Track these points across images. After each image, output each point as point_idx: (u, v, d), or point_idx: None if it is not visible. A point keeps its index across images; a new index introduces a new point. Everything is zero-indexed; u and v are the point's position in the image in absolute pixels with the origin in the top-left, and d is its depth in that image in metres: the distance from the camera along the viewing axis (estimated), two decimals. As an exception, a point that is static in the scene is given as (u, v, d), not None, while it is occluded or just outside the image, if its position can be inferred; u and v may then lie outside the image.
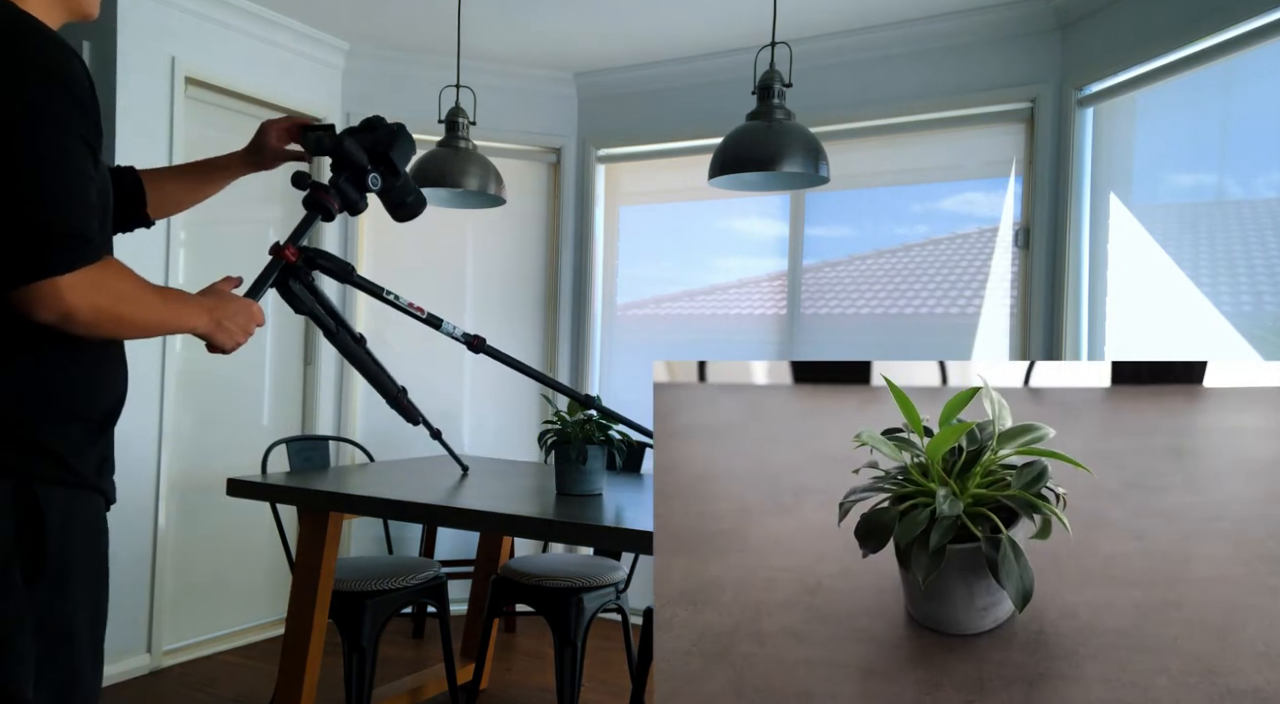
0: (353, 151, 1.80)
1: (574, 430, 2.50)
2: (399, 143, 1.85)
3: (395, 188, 1.84)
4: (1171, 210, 3.15)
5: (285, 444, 3.17)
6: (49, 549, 1.26)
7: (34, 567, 1.25)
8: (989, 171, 3.72)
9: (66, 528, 1.29)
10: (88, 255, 1.22)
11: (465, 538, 4.21)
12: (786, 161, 2.48)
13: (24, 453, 1.26)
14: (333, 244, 4.17)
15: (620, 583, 2.96)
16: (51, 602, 1.28)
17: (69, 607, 1.30)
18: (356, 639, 2.72)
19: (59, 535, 1.28)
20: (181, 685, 3.39)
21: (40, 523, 1.25)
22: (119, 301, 1.27)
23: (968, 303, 3.75)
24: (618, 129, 4.47)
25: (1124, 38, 3.20)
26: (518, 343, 4.53)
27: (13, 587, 1.24)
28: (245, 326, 1.52)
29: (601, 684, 3.46)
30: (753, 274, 4.25)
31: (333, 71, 4.15)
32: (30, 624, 1.25)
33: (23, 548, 1.24)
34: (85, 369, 1.34)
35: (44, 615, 1.27)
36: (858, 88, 3.90)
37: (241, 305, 1.53)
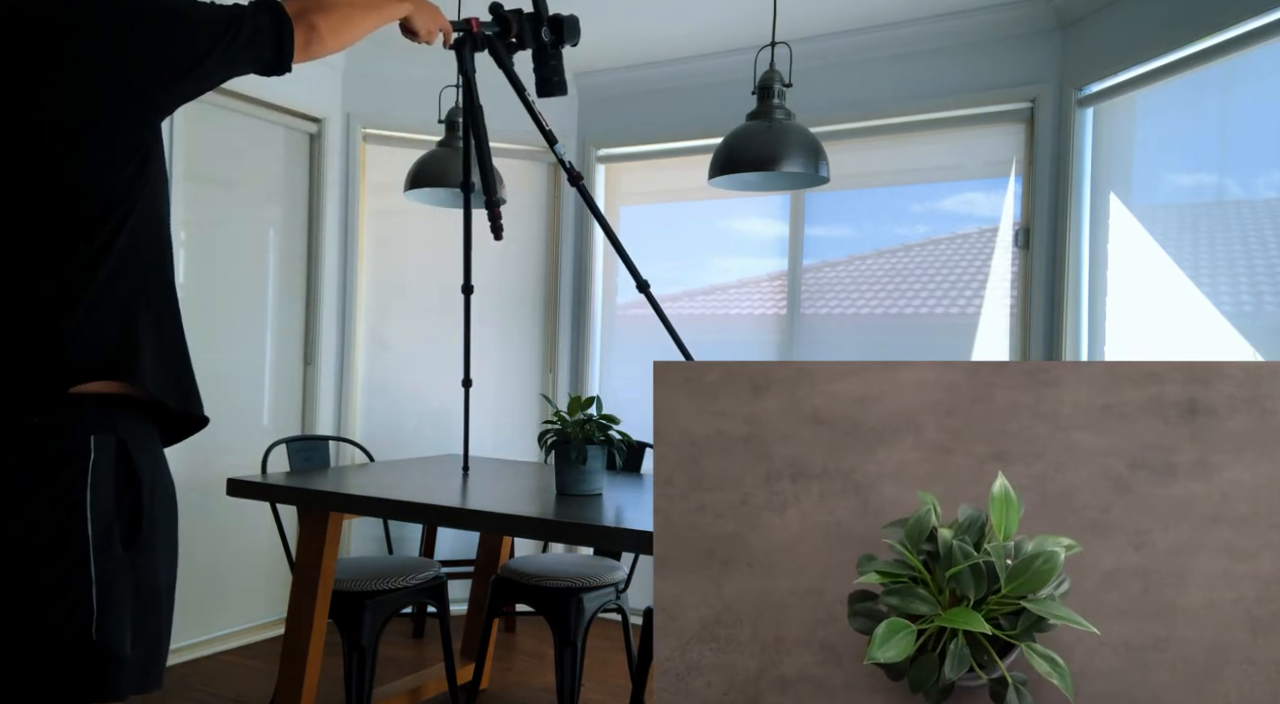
0: (540, 5, 2.28)
1: (574, 430, 2.50)
2: (570, 20, 2.31)
3: (550, 63, 2.32)
4: (1171, 210, 3.15)
5: (285, 444, 3.17)
6: (143, 514, 1.35)
7: (132, 531, 1.34)
8: (989, 171, 3.72)
9: (154, 493, 1.38)
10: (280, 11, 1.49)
11: (465, 538, 4.21)
12: (786, 161, 2.48)
13: (126, 417, 1.34)
14: (333, 243, 4.17)
15: (620, 583, 2.96)
16: (144, 565, 1.36)
17: (156, 570, 1.39)
18: (356, 639, 2.72)
19: (150, 500, 1.36)
20: (181, 685, 3.39)
21: (137, 487, 1.34)
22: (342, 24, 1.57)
23: (968, 303, 3.75)
24: (618, 129, 4.47)
25: (1124, 38, 3.20)
26: (518, 343, 4.54)
27: (114, 550, 1.32)
28: (439, 20, 1.93)
29: (601, 684, 3.46)
30: (753, 274, 4.25)
31: (333, 71, 4.15)
32: (130, 585, 1.33)
33: (121, 512, 1.33)
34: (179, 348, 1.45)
35: (139, 579, 1.35)
36: (858, 88, 3.90)
37: (435, 8, 1.89)
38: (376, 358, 4.34)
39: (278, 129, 3.99)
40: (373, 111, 4.22)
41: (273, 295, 4.02)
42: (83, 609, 1.29)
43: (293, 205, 4.06)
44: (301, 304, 4.14)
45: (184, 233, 3.61)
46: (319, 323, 4.13)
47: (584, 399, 2.55)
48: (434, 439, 4.34)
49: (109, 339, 1.33)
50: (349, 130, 4.18)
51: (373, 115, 4.22)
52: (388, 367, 4.36)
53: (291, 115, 4.01)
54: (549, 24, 2.29)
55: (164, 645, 1.42)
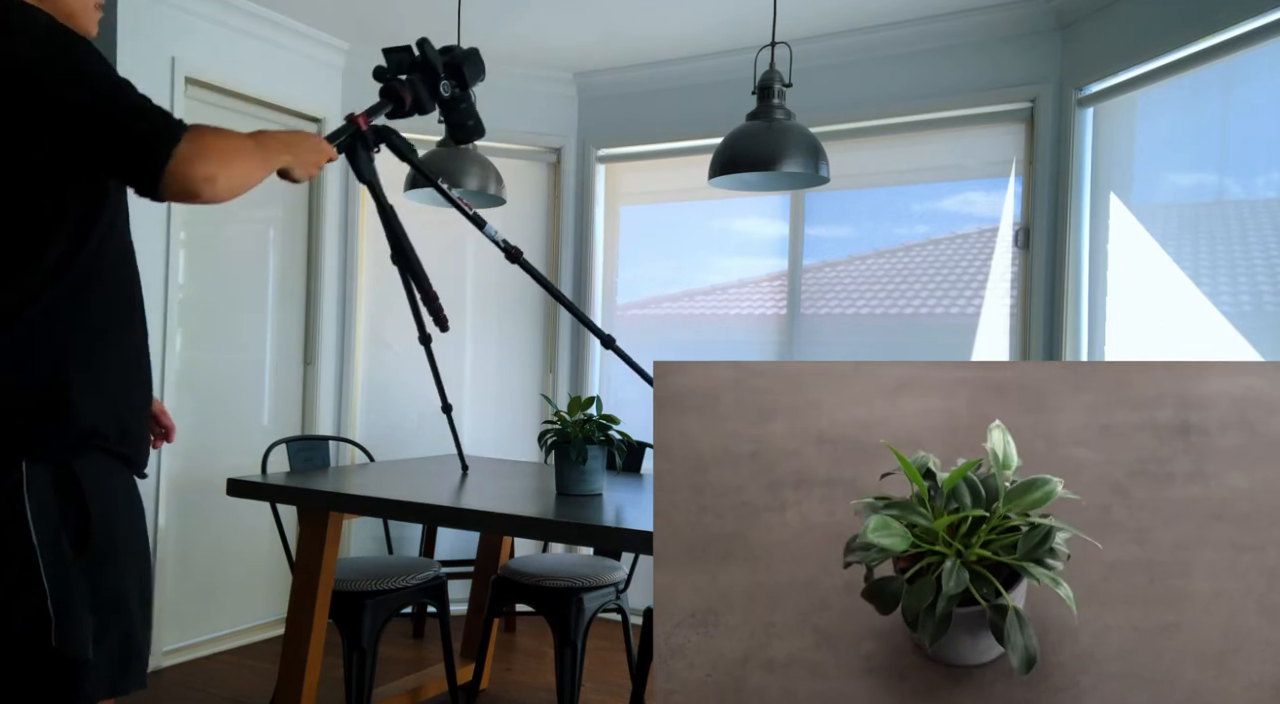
0: (431, 57, 2.02)
1: (574, 430, 2.50)
2: (471, 60, 2.06)
3: (460, 108, 2.09)
4: (1171, 210, 3.15)
5: (285, 444, 3.17)
6: (93, 518, 1.35)
7: (81, 536, 1.34)
8: (989, 171, 3.72)
9: (105, 499, 1.38)
10: (179, 126, 1.33)
11: (465, 538, 4.21)
12: (786, 161, 2.48)
13: (57, 431, 1.34)
14: (333, 242, 4.17)
15: (620, 583, 2.96)
16: (102, 570, 1.36)
17: (118, 575, 1.39)
18: (356, 639, 2.72)
19: (100, 506, 1.36)
20: (181, 686, 3.39)
21: (80, 495, 1.34)
22: (230, 152, 1.37)
23: (968, 303, 3.75)
24: (618, 129, 4.47)
25: (1124, 38, 3.20)
26: (518, 343, 4.54)
27: (64, 555, 1.32)
28: (317, 160, 1.68)
29: (601, 684, 3.46)
30: (753, 274, 4.25)
31: (333, 71, 4.15)
32: (87, 592, 1.34)
33: (67, 518, 1.33)
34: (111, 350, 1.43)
35: (97, 583, 1.36)
36: (858, 88, 3.90)
37: (313, 140, 1.69)
38: (376, 358, 4.34)
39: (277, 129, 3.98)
40: (373, 111, 4.22)
41: (273, 295, 4.02)
42: (39, 618, 1.30)
43: (293, 205, 4.06)
44: (301, 304, 4.14)
45: (184, 233, 3.61)
46: (319, 323, 4.12)
47: (584, 399, 2.55)
48: (434, 439, 4.34)
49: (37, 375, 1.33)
50: (349, 130, 4.18)
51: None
52: (388, 367, 4.36)
53: (291, 115, 4.01)
54: (447, 72, 2.05)
55: (137, 647, 1.43)
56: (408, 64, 2.02)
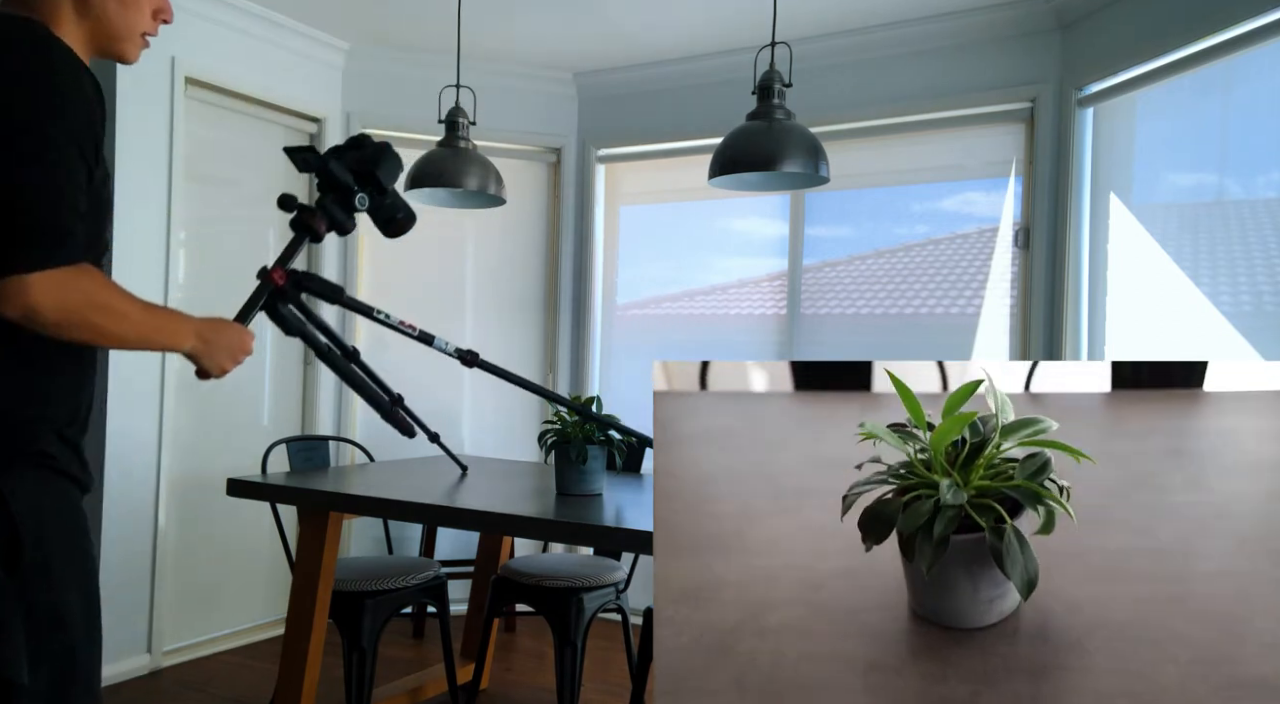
0: (338, 173, 1.76)
1: (574, 430, 2.50)
2: (385, 161, 1.80)
3: (383, 206, 1.84)
4: (1171, 210, 3.15)
5: (285, 444, 3.17)
6: (23, 538, 1.28)
7: (12, 556, 1.27)
8: (989, 171, 3.72)
9: (39, 515, 1.31)
10: (59, 256, 1.23)
11: (465, 538, 4.20)
12: (786, 161, 2.48)
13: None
14: (332, 245, 4.17)
15: (620, 583, 2.96)
16: (38, 588, 1.30)
17: (57, 592, 1.32)
18: (356, 639, 2.72)
19: (33, 524, 1.29)
20: (181, 685, 3.39)
21: (8, 514, 1.27)
22: (91, 308, 1.27)
23: (968, 303, 3.75)
24: (618, 129, 4.47)
25: (1124, 38, 3.20)
26: (518, 343, 4.54)
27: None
28: (234, 353, 1.49)
29: (601, 684, 3.46)
30: (753, 274, 4.25)
31: (333, 71, 4.15)
32: (19, 611, 1.27)
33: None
34: (43, 370, 1.34)
35: (32, 602, 1.29)
36: (858, 88, 3.90)
37: (233, 331, 1.50)
38: (376, 358, 4.33)
39: (277, 129, 3.99)
40: (373, 111, 4.22)
41: (273, 295, 4.01)
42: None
43: (293, 205, 4.06)
44: (301, 304, 4.13)
45: (184, 233, 3.61)
46: (319, 323, 4.12)
47: (584, 399, 2.55)
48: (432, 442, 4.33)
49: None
50: (349, 130, 4.18)
51: (373, 115, 4.22)
52: (388, 367, 4.35)
53: (291, 115, 4.01)
54: (360, 181, 1.80)
55: (82, 668, 1.36)
56: (314, 164, 1.79)
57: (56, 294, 1.23)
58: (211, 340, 1.45)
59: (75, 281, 1.26)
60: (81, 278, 1.27)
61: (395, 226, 1.90)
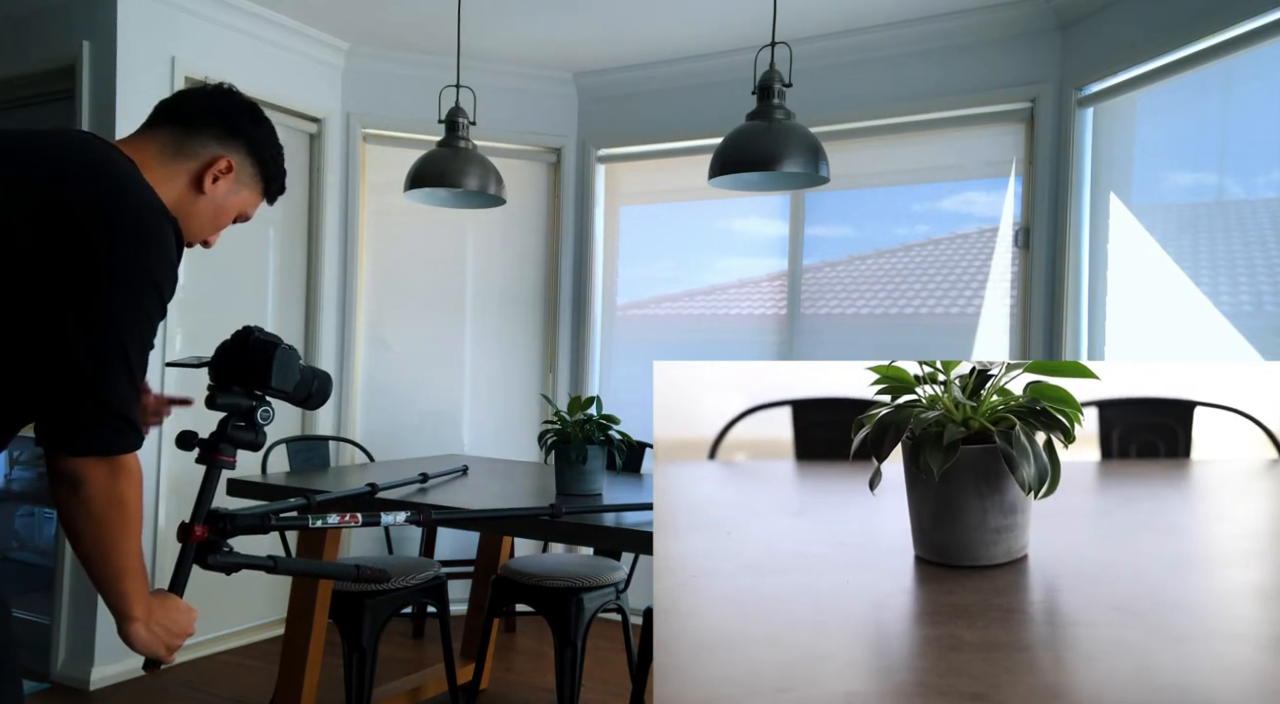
0: (229, 405, 1.61)
1: (574, 430, 2.50)
2: (276, 366, 1.62)
3: (293, 396, 1.66)
4: (1171, 210, 3.15)
5: (285, 444, 3.17)
6: None
7: None
8: (989, 171, 3.72)
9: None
10: (136, 444, 1.25)
11: (465, 538, 4.20)
12: (786, 161, 2.48)
13: None
14: (332, 248, 4.17)
15: (620, 583, 2.96)
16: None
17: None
18: (356, 639, 2.72)
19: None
20: (181, 685, 3.39)
21: None
22: (121, 505, 1.26)
23: (968, 303, 3.75)
24: (618, 129, 4.47)
25: (1124, 38, 3.20)
26: (518, 343, 4.54)
27: None
28: (171, 639, 1.38)
29: (601, 684, 3.46)
30: (753, 274, 4.25)
31: (333, 71, 4.15)
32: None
33: None
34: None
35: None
36: (858, 88, 3.90)
37: (180, 614, 1.39)
38: (376, 358, 4.34)
39: (278, 129, 3.98)
40: (373, 111, 4.22)
41: (273, 295, 4.01)
42: None
43: (293, 205, 4.06)
44: (301, 304, 4.13)
45: (184, 233, 3.61)
46: (319, 323, 4.12)
47: (584, 399, 2.55)
48: (434, 439, 4.34)
49: None
50: (349, 130, 4.18)
51: (373, 115, 4.22)
52: (388, 367, 4.36)
53: (291, 115, 4.00)
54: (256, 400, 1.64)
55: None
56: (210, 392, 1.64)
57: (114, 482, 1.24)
58: (157, 616, 1.35)
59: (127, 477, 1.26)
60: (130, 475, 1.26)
61: (313, 402, 1.73)
